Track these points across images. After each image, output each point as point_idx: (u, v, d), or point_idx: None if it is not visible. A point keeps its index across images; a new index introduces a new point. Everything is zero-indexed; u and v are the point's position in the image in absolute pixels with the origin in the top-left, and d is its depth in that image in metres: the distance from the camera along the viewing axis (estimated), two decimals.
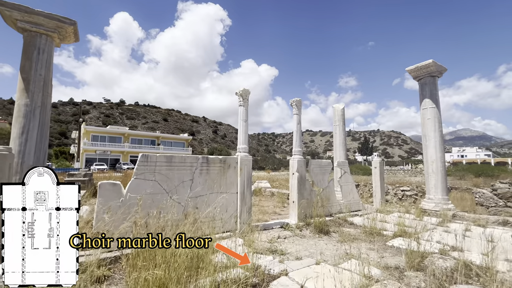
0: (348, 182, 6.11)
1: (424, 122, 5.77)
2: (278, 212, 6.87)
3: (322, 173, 5.55)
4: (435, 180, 5.58)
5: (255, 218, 5.54)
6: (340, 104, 7.61)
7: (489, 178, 17.37)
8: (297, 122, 4.96)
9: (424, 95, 5.80)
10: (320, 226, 4.49)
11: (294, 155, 5.00)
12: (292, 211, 4.96)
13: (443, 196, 5.54)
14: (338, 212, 5.71)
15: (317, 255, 3.38)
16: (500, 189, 7.82)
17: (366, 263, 2.91)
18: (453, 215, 5.26)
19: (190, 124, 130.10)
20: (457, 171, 24.89)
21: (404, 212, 5.99)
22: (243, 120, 4.26)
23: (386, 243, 3.85)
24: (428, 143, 5.68)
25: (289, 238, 4.18)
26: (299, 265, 2.91)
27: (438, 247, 3.46)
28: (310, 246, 3.78)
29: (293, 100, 5.02)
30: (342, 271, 2.67)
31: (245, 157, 4.18)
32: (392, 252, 3.48)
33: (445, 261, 2.93)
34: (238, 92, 4.29)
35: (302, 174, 4.93)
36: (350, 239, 4.13)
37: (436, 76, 5.78)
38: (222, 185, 4.05)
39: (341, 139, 7.44)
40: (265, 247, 3.57)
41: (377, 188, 6.69)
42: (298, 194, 4.89)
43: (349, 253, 3.37)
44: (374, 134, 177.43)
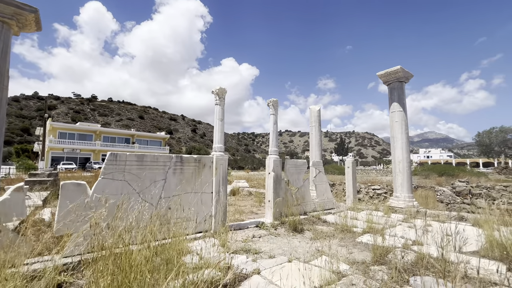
0: (323, 181, 6.31)
1: (392, 124, 6.13)
2: (255, 211, 6.91)
3: (297, 172, 5.67)
4: (401, 179, 5.95)
5: (231, 218, 5.53)
6: (316, 106, 7.83)
7: (450, 177, 18.88)
8: (274, 122, 5.02)
9: (393, 99, 6.16)
10: (294, 224, 4.58)
11: (270, 155, 5.06)
12: (268, 210, 5.01)
13: (409, 194, 5.92)
14: (313, 210, 5.87)
15: (290, 253, 3.45)
16: (458, 187, 8.53)
17: (336, 259, 3.03)
18: (417, 212, 5.64)
19: (168, 122, 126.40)
20: (423, 170, 26.76)
21: (374, 209, 6.31)
22: (219, 119, 4.22)
23: (355, 240, 4.02)
24: (396, 144, 6.04)
25: (264, 237, 4.21)
26: (272, 263, 2.95)
27: (401, 242, 3.68)
28: (284, 244, 3.84)
29: (270, 101, 5.08)
30: (312, 268, 2.75)
31: (220, 157, 4.15)
32: (360, 248, 3.65)
33: (407, 255, 3.13)
34: (215, 90, 4.24)
35: (278, 174, 5.00)
36: (323, 236, 4.27)
37: (404, 81, 6.17)
38: (197, 184, 3.98)
39: (317, 140, 7.65)
40: (240, 247, 3.57)
41: (350, 187, 6.97)
42: (274, 193, 4.95)
43: (321, 250, 3.48)
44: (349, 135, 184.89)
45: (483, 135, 52.65)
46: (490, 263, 2.98)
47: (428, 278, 2.48)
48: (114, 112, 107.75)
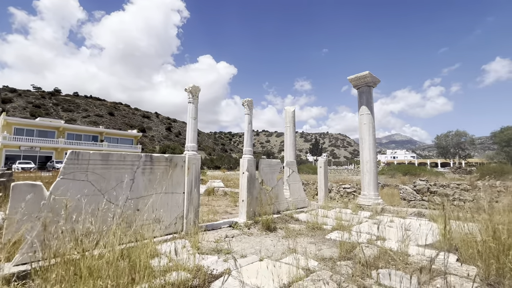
0: (296, 180, 6.46)
1: (361, 126, 6.47)
2: (230, 211, 6.87)
3: (271, 172, 5.74)
4: (368, 179, 6.30)
5: (205, 219, 5.44)
6: (291, 107, 8.00)
7: (413, 176, 20.40)
8: (248, 122, 5.03)
9: (362, 102, 6.51)
10: (267, 223, 4.63)
11: (244, 154, 5.07)
12: (241, 210, 5.01)
13: (375, 193, 6.30)
14: (286, 209, 5.99)
15: (262, 252, 3.49)
16: (418, 186, 9.23)
17: (306, 256, 3.12)
18: (382, 209, 6.01)
19: (141, 119, 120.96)
20: (389, 170, 28.63)
21: (344, 207, 6.61)
22: (192, 117, 4.13)
23: (325, 237, 4.18)
24: (364, 146, 6.39)
25: (237, 237, 4.21)
26: (243, 263, 2.95)
27: (366, 238, 3.90)
28: (257, 244, 3.88)
29: (245, 100, 5.09)
30: (283, 266, 2.81)
31: (193, 156, 4.06)
32: (329, 245, 3.80)
33: (371, 250, 3.32)
34: (188, 88, 4.15)
35: (252, 174, 5.02)
36: (294, 234, 4.37)
37: (372, 86, 6.55)
38: (168, 185, 3.86)
39: (291, 140, 7.82)
40: (211, 247, 3.53)
41: (322, 186, 7.23)
42: (248, 193, 4.97)
43: (292, 248, 3.56)
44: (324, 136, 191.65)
45: (441, 138, 57.75)
46: (441, 254, 3.27)
47: (388, 271, 2.66)
48: (81, 108, 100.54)
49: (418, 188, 8.80)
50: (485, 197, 5.44)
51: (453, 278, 2.51)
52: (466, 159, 58.04)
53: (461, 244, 3.09)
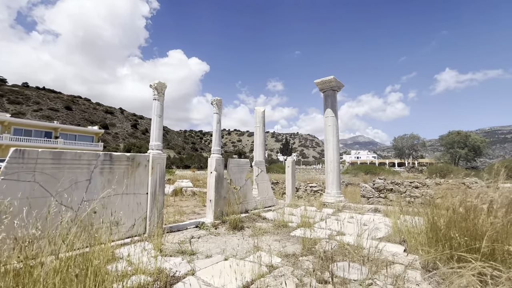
0: (264, 180, 6.58)
1: (326, 128, 6.82)
2: (198, 211, 6.75)
3: (240, 171, 5.77)
4: (332, 178, 6.67)
5: (171, 220, 5.28)
6: (261, 107, 8.11)
7: (373, 175, 22.03)
8: (217, 121, 5.00)
9: (327, 105, 6.86)
10: (235, 223, 4.65)
11: (212, 154, 5.02)
12: (209, 210, 4.96)
13: (337, 191, 6.68)
14: (254, 208, 6.07)
15: (227, 251, 3.50)
16: (377, 184, 9.99)
17: (270, 253, 3.21)
18: (343, 206, 6.40)
19: (103, 115, 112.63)
20: (353, 170, 30.55)
21: (309, 205, 6.90)
22: (157, 115, 3.98)
23: (290, 234, 4.33)
24: (328, 146, 6.74)
25: (203, 237, 4.16)
26: (208, 263, 2.94)
27: (328, 233, 4.13)
28: (223, 243, 3.87)
29: (214, 99, 5.04)
30: (247, 264, 2.85)
31: (158, 155, 3.92)
32: (293, 241, 3.95)
33: (331, 244, 3.53)
34: (153, 84, 3.98)
35: (220, 173, 5.00)
36: (261, 233, 4.46)
37: (336, 90, 6.94)
38: (130, 185, 3.67)
39: (261, 140, 7.93)
40: (175, 249, 3.45)
41: (289, 185, 7.45)
42: (215, 192, 4.93)
43: (257, 246, 3.64)
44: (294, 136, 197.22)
45: (398, 140, 63.29)
46: (392, 246, 3.60)
47: (344, 263, 2.85)
48: (31, 100, 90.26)
49: (376, 186, 9.53)
50: (432, 194, 6.09)
51: (399, 267, 2.78)
52: (418, 160, 64.39)
53: (407, 236, 3.43)
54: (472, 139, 42.64)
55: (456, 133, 44.23)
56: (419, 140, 61.82)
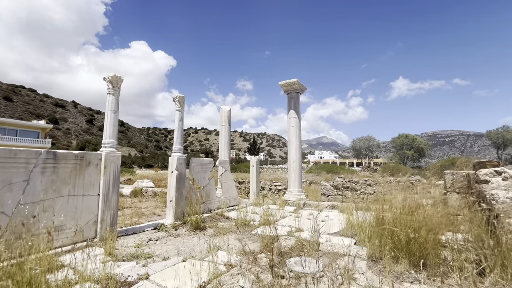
0: (228, 179, 6.56)
1: (289, 129, 7.06)
2: (158, 213, 6.47)
3: (203, 171, 5.67)
4: (294, 177, 6.92)
5: (127, 222, 4.97)
6: (227, 106, 8.06)
7: (334, 174, 23.41)
8: (179, 119, 4.84)
9: (291, 106, 7.10)
10: (196, 223, 4.56)
11: (174, 152, 4.85)
12: (169, 211, 4.79)
13: (299, 189, 6.96)
14: (217, 208, 6.01)
15: (187, 252, 3.42)
16: (336, 182, 10.63)
17: (229, 252, 3.22)
18: (304, 204, 6.70)
19: (52, 108, 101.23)
20: (316, 169, 32.12)
21: (272, 203, 7.08)
22: (112, 111, 3.71)
23: (251, 232, 4.39)
24: (291, 147, 6.98)
25: (162, 239, 4.00)
26: (164, 266, 2.84)
27: (287, 230, 4.29)
28: (183, 244, 3.78)
29: (176, 96, 4.87)
30: (205, 264, 2.82)
31: (111, 153, 3.65)
32: (254, 239, 4.02)
33: (289, 241, 3.67)
34: (107, 77, 3.70)
35: (181, 172, 4.85)
36: (223, 232, 4.44)
37: (299, 92, 7.22)
38: (78, 186, 3.37)
39: (226, 139, 7.89)
40: (130, 253, 3.26)
41: (254, 184, 7.55)
42: (176, 192, 4.78)
43: (218, 245, 3.62)
44: (262, 136, 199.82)
45: (356, 142, 68.37)
46: (345, 240, 3.88)
47: (300, 258, 2.99)
48: None
49: (335, 184, 10.15)
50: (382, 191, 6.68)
51: (349, 259, 3.01)
52: (373, 160, 70.25)
53: (357, 230, 3.73)
54: (418, 142, 47.97)
55: (405, 136, 49.33)
56: (374, 141, 67.54)
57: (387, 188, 10.04)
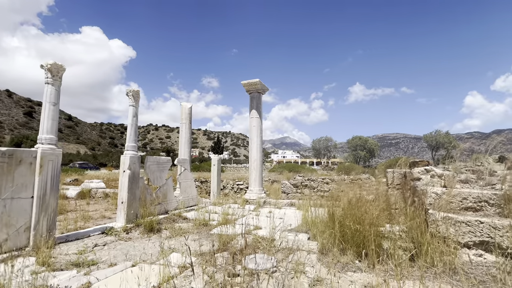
0: (188, 178, 6.36)
1: (251, 128, 7.13)
2: (109, 216, 5.98)
3: (160, 170, 5.40)
4: (255, 175, 7.02)
5: (71, 227, 4.48)
6: (188, 103, 7.81)
7: (296, 173, 24.40)
8: (133, 114, 4.52)
9: (252, 106, 7.18)
10: (150, 225, 4.33)
11: (126, 150, 4.53)
12: (120, 213, 4.46)
13: (260, 188, 7.08)
14: (175, 208, 5.79)
15: (138, 256, 3.22)
16: (295, 180, 11.07)
17: (183, 253, 3.13)
18: (264, 202, 6.84)
19: None
20: (279, 168, 33.06)
21: (233, 202, 7.07)
22: (50, 103, 3.29)
23: (210, 232, 4.33)
24: (253, 146, 7.07)
25: (110, 244, 3.71)
26: (110, 273, 2.63)
27: (246, 229, 4.32)
28: (134, 248, 3.55)
29: (130, 90, 4.54)
30: (157, 267, 2.69)
31: (49, 151, 3.25)
32: (212, 239, 3.96)
33: (247, 239, 3.71)
34: (46, 65, 3.27)
35: (135, 172, 4.55)
36: (180, 233, 4.30)
37: (261, 93, 7.34)
38: (6, 188, 2.92)
39: (187, 137, 7.64)
40: (71, 261, 2.95)
41: (215, 183, 7.45)
42: (129, 193, 4.47)
43: (173, 247, 3.49)
44: (226, 135, 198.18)
45: (316, 142, 72.31)
46: (300, 235, 4.07)
47: (257, 255, 3.04)
48: None
49: (294, 183, 10.57)
50: (336, 188, 7.15)
51: (302, 253, 3.16)
52: (331, 159, 75.10)
53: (311, 226, 3.95)
54: (369, 143, 52.71)
55: (358, 138, 53.79)
56: (332, 142, 72.24)
57: (341, 185, 10.82)
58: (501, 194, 2.88)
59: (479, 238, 2.71)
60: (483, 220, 2.71)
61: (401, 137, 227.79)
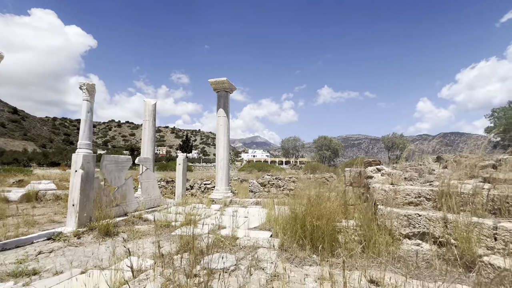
0: (150, 178, 6.08)
1: (218, 127, 7.06)
2: (59, 220, 5.46)
3: (118, 170, 5.08)
4: (221, 175, 6.98)
5: (10, 234, 4.00)
6: (152, 100, 7.46)
7: (265, 172, 24.72)
8: (87, 110, 4.18)
9: (220, 105, 7.11)
10: (106, 228, 4.07)
11: (79, 148, 4.17)
12: (71, 216, 4.11)
13: (226, 187, 7.05)
14: (135, 210, 5.50)
15: (90, 262, 3.01)
16: (264, 179, 11.24)
17: (142, 257, 3.00)
18: (231, 201, 6.83)
19: None
20: (249, 167, 33.22)
21: (199, 202, 6.94)
22: None
23: (171, 233, 4.20)
24: (219, 145, 7.01)
25: (57, 251, 3.40)
26: (55, 282, 2.41)
27: (209, 228, 4.29)
28: (85, 254, 3.30)
29: (84, 83, 4.19)
30: (109, 273, 2.54)
31: None
32: (173, 240, 3.85)
33: (209, 239, 3.68)
34: None
35: (89, 171, 4.22)
36: (139, 236, 4.10)
37: (229, 92, 7.31)
38: None
39: (150, 135, 7.30)
40: (7, 271, 2.63)
41: (180, 183, 7.23)
42: (82, 195, 4.13)
43: (130, 251, 3.31)
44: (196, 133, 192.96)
45: (285, 142, 74.23)
46: (263, 233, 4.15)
47: (217, 255, 3.04)
48: None
49: (262, 181, 10.73)
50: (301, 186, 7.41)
51: (263, 250, 3.24)
52: (299, 158, 77.73)
53: (274, 223, 4.06)
54: (334, 144, 55.65)
55: (324, 138, 56.51)
56: (300, 142, 74.82)
57: (306, 184, 11.24)
58: (436, 190, 3.27)
59: (418, 230, 3.05)
60: (421, 213, 3.06)
61: (363, 138, 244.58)
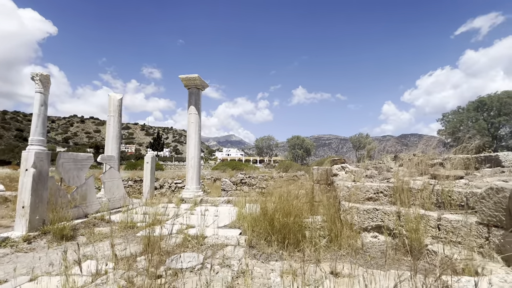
0: (114, 178, 5.75)
1: (189, 125, 6.90)
2: (6, 224, 4.94)
3: (78, 168, 4.72)
4: (192, 173, 6.83)
5: None
6: (118, 94, 7.04)
7: (239, 170, 24.69)
8: (41, 103, 3.81)
9: (191, 102, 6.95)
10: (62, 232, 3.76)
11: (31, 145, 3.79)
12: (20, 220, 3.73)
13: (197, 186, 6.92)
14: (97, 211, 5.17)
15: (41, 269, 2.76)
16: (236, 178, 11.22)
17: (103, 260, 2.84)
18: (201, 200, 6.73)
19: None
20: (222, 166, 32.94)
21: (168, 202, 6.73)
22: None
23: (136, 235, 4.03)
24: (190, 143, 6.85)
25: (3, 258, 3.08)
26: None
27: (178, 228, 4.18)
28: (36, 260, 3.02)
29: (37, 74, 3.81)
30: (63, 279, 2.36)
31: None
32: (138, 242, 3.69)
33: (177, 238, 3.59)
34: None
35: (42, 170, 3.86)
36: (100, 238, 3.87)
37: (201, 89, 7.17)
38: None
39: (115, 132, 6.89)
40: None
41: (147, 182, 6.94)
42: (34, 196, 3.77)
43: (89, 255, 3.12)
44: (168, 131, 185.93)
45: (259, 141, 74.95)
46: (232, 231, 4.16)
47: (184, 255, 2.98)
48: None
49: (234, 180, 10.72)
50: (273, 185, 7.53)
51: (231, 248, 3.25)
52: (273, 157, 78.96)
53: (243, 221, 4.08)
54: (306, 143, 57.45)
55: (297, 138, 58.07)
56: (274, 141, 76.06)
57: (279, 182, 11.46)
58: (392, 186, 3.55)
59: (375, 223, 3.29)
60: (378, 208, 3.30)
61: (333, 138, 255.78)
